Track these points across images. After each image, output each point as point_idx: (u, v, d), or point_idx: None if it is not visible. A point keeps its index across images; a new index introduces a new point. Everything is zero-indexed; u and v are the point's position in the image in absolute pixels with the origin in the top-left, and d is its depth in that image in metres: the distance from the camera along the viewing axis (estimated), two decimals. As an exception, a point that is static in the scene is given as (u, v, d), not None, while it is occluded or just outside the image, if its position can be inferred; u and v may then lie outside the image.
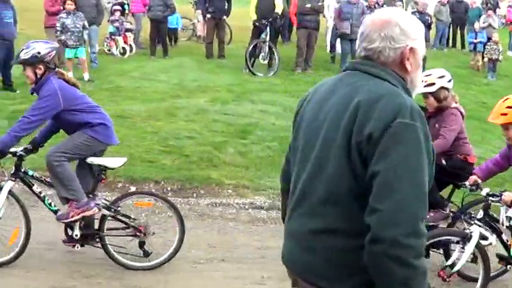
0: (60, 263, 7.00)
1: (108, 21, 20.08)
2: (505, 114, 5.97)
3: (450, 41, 26.53)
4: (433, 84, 6.95)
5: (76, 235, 6.83)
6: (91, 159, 6.85)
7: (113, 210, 6.97)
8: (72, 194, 6.65)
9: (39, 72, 6.60)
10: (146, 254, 7.01)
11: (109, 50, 20.07)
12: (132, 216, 7.14)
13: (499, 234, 6.62)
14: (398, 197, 2.71)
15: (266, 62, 18.15)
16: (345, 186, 2.89)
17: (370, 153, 2.79)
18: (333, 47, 21.25)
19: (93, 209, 6.76)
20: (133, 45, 20.33)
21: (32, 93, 6.84)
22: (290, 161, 3.38)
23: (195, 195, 9.52)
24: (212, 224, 8.63)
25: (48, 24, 17.15)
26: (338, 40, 20.47)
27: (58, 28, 15.44)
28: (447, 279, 6.27)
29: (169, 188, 9.56)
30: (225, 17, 19.44)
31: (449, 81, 7.07)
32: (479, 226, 6.36)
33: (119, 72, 16.76)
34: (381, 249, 2.70)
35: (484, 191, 6.50)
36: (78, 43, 15.52)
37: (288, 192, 3.31)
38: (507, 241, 6.68)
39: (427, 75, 6.97)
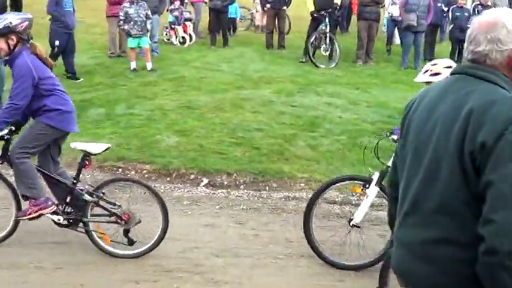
0: (142, 257, 6.92)
1: (167, 10, 20.07)
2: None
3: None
4: (439, 74, 6.72)
5: (59, 219, 6.85)
6: (74, 145, 6.87)
7: (95, 196, 6.88)
8: (32, 192, 6.66)
9: (11, 43, 6.59)
10: (130, 242, 6.90)
11: (168, 40, 20.09)
12: (118, 204, 7.01)
13: None
14: None
15: (327, 53, 17.94)
16: (458, 195, 2.82)
17: (484, 162, 2.72)
18: (390, 38, 21.03)
19: (50, 207, 6.74)
20: (193, 35, 20.31)
21: (5, 65, 6.82)
22: (397, 168, 3.32)
23: (267, 188, 9.42)
24: (287, 218, 8.50)
25: (110, 13, 17.25)
26: (395, 32, 20.36)
27: (121, 17, 15.46)
28: None
29: (241, 181, 9.48)
30: (285, 7, 19.32)
31: None
32: None
33: (181, 62, 16.73)
34: (496, 261, 2.65)
35: None
36: (141, 32, 15.50)
37: (396, 199, 3.27)
38: None
39: (433, 65, 6.85)
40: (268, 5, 19.12)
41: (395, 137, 6.76)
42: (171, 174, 9.50)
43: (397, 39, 20.69)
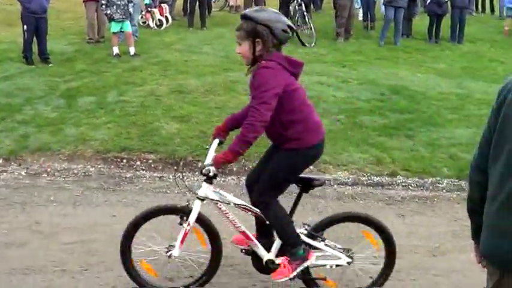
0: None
1: (143, -7, 19.79)
2: None
3: (479, 6, 26.53)
4: None
5: None
6: None
7: None
8: None
9: None
10: None
11: (144, 23, 19.78)
12: None
13: None
14: None
15: (310, 32, 17.75)
16: None
17: None
18: (366, 15, 20.97)
19: None
20: (169, 17, 20.02)
21: None
22: (484, 153, 3.26)
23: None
24: (303, 202, 8.33)
25: (88, -2, 16.92)
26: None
27: (103, 2, 15.16)
28: None
29: (250, 166, 9.31)
30: (262, -14, 19.20)
31: None
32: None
33: (162, 45, 16.53)
34: None
35: None
36: (124, 17, 15.23)
37: (480, 185, 3.27)
38: None
39: None
40: (246, -15, 18.97)
41: None
42: (178, 163, 9.29)
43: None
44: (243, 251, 5.70)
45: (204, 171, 5.09)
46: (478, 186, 3.32)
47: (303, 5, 17.56)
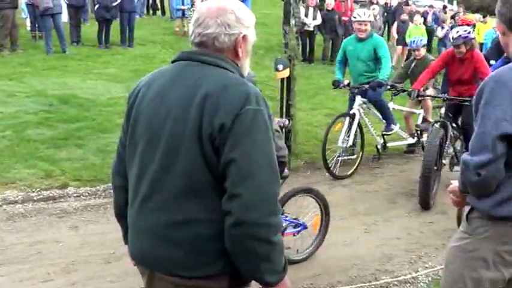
0: None
1: None
2: None
3: (150, 9, 27.26)
4: None
5: None
6: None
7: None
8: None
9: None
10: None
11: None
12: None
13: None
14: (256, 181, 2.86)
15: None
16: (201, 177, 2.96)
17: (223, 142, 2.89)
18: (34, 25, 20.57)
19: None
20: None
21: None
22: (122, 158, 3.36)
23: None
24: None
25: None
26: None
27: None
28: None
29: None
30: None
31: None
32: None
33: None
34: (245, 232, 2.86)
35: None
36: None
37: (122, 188, 3.38)
38: None
39: None
40: None
41: None
42: None
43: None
44: None
45: None
46: (121, 190, 3.40)
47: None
